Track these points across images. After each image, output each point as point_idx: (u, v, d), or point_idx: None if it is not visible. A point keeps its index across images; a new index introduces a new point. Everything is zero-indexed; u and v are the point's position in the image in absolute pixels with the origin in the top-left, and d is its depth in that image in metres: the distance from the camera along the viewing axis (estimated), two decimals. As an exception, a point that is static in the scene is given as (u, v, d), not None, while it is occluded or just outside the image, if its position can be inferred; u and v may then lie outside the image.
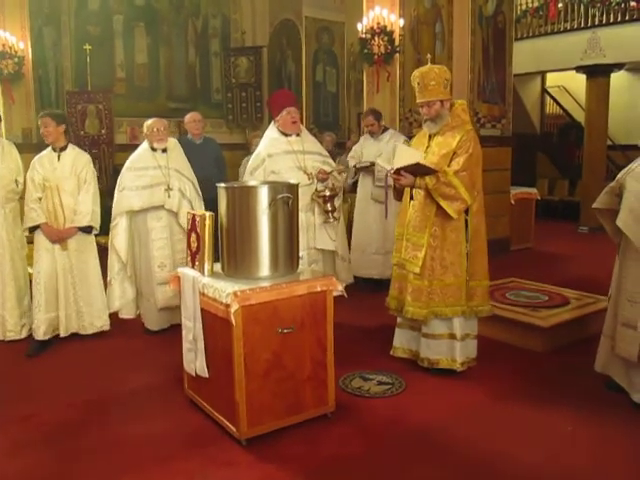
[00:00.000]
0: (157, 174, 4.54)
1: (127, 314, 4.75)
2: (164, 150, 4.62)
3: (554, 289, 5.02)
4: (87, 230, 4.51)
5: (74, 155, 4.51)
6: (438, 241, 3.65)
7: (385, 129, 5.85)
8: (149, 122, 4.62)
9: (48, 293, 4.44)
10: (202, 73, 10.17)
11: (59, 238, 4.42)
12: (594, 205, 3.57)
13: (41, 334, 4.40)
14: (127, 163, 4.68)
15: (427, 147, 3.73)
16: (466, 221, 3.66)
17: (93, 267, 4.59)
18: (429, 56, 3.98)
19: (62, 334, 4.48)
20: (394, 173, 3.62)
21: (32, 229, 4.46)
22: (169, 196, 4.54)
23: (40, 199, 4.40)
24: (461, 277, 3.67)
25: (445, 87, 3.64)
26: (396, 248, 3.87)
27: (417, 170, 3.55)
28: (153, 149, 4.62)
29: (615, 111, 10.31)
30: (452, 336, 3.72)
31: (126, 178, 4.56)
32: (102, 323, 4.62)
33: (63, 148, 4.49)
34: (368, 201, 5.75)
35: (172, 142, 4.75)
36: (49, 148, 4.52)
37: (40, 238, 4.45)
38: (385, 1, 6.77)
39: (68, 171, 4.44)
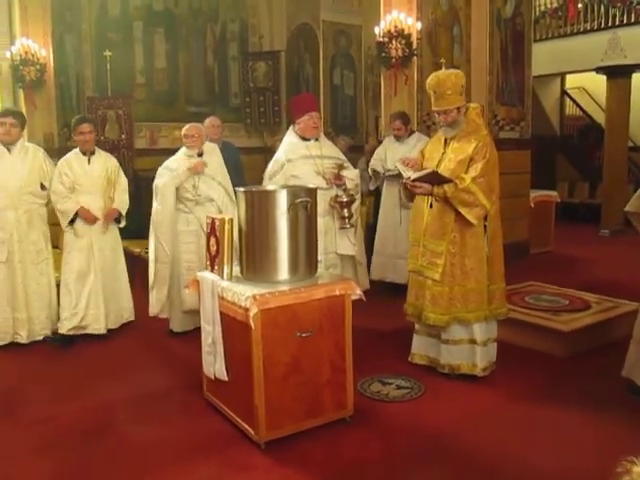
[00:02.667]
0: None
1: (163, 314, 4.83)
2: (200, 154, 4.65)
3: (575, 293, 4.97)
4: (118, 220, 4.79)
5: (103, 158, 4.74)
6: (457, 247, 3.63)
7: (411, 132, 5.85)
8: (183, 128, 4.70)
9: (78, 292, 4.55)
10: (220, 77, 10.22)
11: (105, 218, 4.63)
12: (626, 208, 3.49)
13: (73, 325, 4.52)
14: (165, 162, 4.76)
15: (443, 153, 3.72)
16: (485, 226, 3.65)
17: (123, 265, 4.90)
18: (443, 60, 3.96)
19: (97, 332, 4.59)
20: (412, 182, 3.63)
21: (71, 221, 4.57)
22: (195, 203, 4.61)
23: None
24: (482, 282, 3.66)
25: (461, 94, 3.63)
26: (412, 255, 3.85)
27: (433, 179, 3.56)
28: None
29: (636, 112, 10.14)
30: (472, 341, 3.71)
31: (159, 175, 4.65)
32: (128, 314, 4.91)
33: (93, 152, 4.69)
34: (395, 205, 5.69)
35: (210, 147, 4.79)
36: (75, 151, 4.66)
37: (72, 239, 4.58)
38: (402, 4, 6.74)
39: (99, 174, 4.63)
